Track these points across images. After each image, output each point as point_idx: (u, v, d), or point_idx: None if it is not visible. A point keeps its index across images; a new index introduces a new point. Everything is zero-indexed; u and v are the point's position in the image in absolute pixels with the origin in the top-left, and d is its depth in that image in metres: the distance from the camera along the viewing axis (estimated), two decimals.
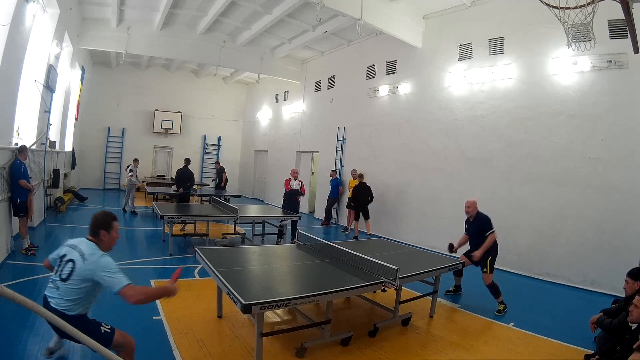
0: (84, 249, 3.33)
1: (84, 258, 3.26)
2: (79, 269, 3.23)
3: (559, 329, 5.93)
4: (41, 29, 9.48)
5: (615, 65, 8.04)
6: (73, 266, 3.25)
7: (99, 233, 3.45)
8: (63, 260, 3.35)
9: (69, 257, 3.33)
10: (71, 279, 3.23)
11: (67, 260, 3.31)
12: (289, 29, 14.77)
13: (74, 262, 3.27)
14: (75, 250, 3.34)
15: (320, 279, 5.02)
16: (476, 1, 10.74)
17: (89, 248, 3.35)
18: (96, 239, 3.45)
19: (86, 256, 3.26)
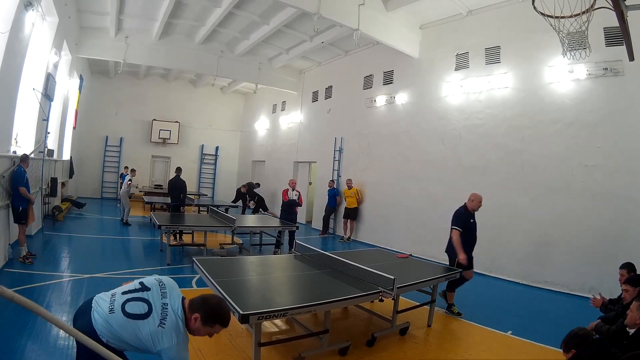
0: (170, 308, 2.57)
1: (163, 322, 2.49)
2: (142, 324, 2.47)
3: (558, 336, 5.85)
4: (40, 37, 9.51)
5: (612, 72, 8.10)
6: (144, 313, 2.50)
7: (194, 313, 2.59)
8: (144, 291, 2.64)
9: (150, 297, 2.60)
10: (130, 320, 2.47)
11: (146, 298, 2.58)
12: (286, 39, 14.86)
13: (150, 308, 2.53)
14: (163, 298, 2.61)
15: (317, 289, 4.99)
16: (472, 11, 10.84)
17: (175, 313, 2.56)
18: (189, 315, 2.60)
19: (167, 324, 2.49)
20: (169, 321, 2.49)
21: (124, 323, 2.46)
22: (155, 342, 2.43)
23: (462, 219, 6.69)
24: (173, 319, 2.51)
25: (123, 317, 2.47)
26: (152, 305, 2.53)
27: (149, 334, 2.44)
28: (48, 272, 7.23)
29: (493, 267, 9.82)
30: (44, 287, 6.46)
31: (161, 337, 2.44)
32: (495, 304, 7.76)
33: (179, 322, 2.53)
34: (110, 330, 2.45)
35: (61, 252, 9.47)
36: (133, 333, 2.45)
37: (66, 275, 7.29)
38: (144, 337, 2.44)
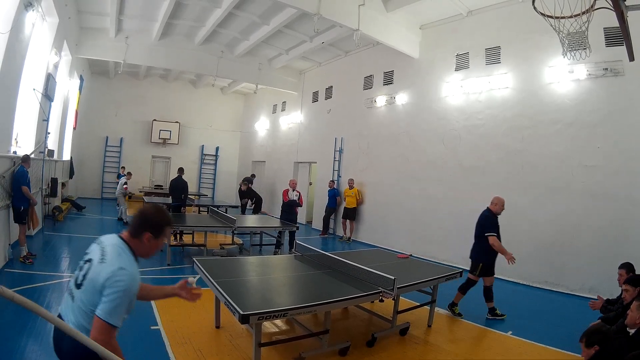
0: (108, 247, 2.42)
1: (103, 258, 2.34)
2: (92, 271, 2.32)
3: (558, 336, 5.91)
4: (40, 37, 9.51)
5: (612, 72, 8.10)
6: (89, 267, 2.36)
7: (143, 235, 2.48)
8: (84, 259, 2.47)
9: (89, 256, 2.44)
10: (84, 285, 2.31)
11: (87, 260, 2.43)
12: (286, 39, 14.86)
13: (91, 262, 2.38)
14: (98, 247, 2.45)
15: (318, 289, 4.99)
16: (472, 11, 10.84)
17: (116, 247, 2.42)
18: (135, 241, 2.49)
19: (107, 257, 2.34)
20: (112, 254, 2.35)
21: (84, 294, 2.28)
22: (103, 281, 2.23)
23: (493, 222, 6.76)
24: (116, 250, 2.39)
25: (80, 291, 2.31)
26: (92, 257, 2.41)
27: (96, 276, 2.26)
28: (48, 273, 7.23)
29: None
30: (44, 288, 6.47)
31: (108, 270, 2.26)
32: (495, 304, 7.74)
33: (125, 250, 2.42)
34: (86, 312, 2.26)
35: (61, 252, 9.48)
36: (91, 295, 2.26)
37: (66, 275, 7.28)
38: (95, 284, 2.25)
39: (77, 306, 2.30)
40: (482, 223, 6.81)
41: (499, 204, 6.84)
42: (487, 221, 6.77)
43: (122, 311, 2.25)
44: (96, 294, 2.23)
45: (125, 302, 2.27)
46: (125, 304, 2.28)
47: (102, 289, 2.22)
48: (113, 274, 2.24)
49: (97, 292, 2.23)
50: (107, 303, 2.20)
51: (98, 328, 2.17)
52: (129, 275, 2.29)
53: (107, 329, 2.18)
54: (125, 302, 2.27)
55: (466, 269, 9.19)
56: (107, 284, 2.21)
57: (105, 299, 2.20)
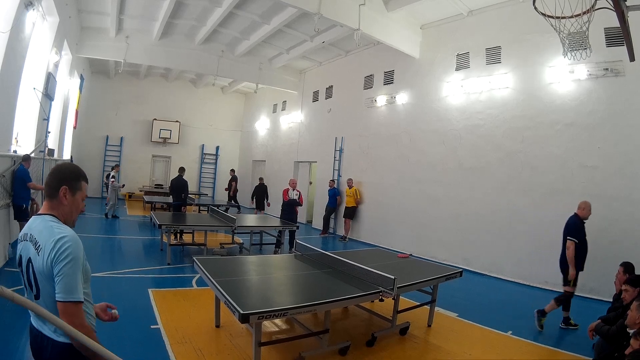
0: (35, 231, 2.11)
1: (37, 246, 2.04)
2: (37, 266, 2.02)
3: (558, 336, 5.92)
4: (41, 36, 9.52)
5: (612, 73, 8.10)
6: (31, 267, 2.06)
7: (58, 193, 2.20)
8: (23, 266, 2.13)
9: (25, 256, 2.11)
10: (40, 288, 2.04)
11: (26, 262, 2.09)
12: (287, 39, 14.86)
13: (31, 261, 2.06)
14: (28, 242, 2.12)
15: (318, 288, 4.99)
16: (473, 11, 10.83)
17: (42, 224, 2.12)
18: (54, 204, 2.22)
19: (39, 240, 2.04)
20: (43, 238, 2.04)
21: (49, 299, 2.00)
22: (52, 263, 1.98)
23: (578, 229, 6.48)
24: (43, 228, 2.09)
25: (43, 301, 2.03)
26: (29, 255, 2.09)
27: (46, 268, 1.99)
28: None
29: (493, 268, 9.83)
30: None
31: (52, 251, 1.98)
32: (495, 304, 7.76)
33: (51, 222, 2.13)
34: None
35: None
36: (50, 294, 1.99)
37: None
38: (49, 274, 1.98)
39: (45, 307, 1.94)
40: (567, 229, 6.55)
41: (586, 208, 6.56)
42: (572, 226, 6.51)
43: (78, 282, 2.00)
44: (49, 275, 1.99)
45: (78, 270, 2.02)
46: (78, 273, 2.01)
47: (51, 266, 1.97)
48: (53, 250, 1.97)
49: (49, 274, 1.98)
50: (61, 280, 1.95)
51: (66, 312, 1.93)
52: (69, 240, 2.03)
53: (74, 309, 1.96)
54: (77, 270, 2.01)
55: (466, 268, 9.28)
56: (53, 263, 1.96)
57: (58, 277, 1.95)
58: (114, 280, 7.30)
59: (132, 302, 6.14)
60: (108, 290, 6.70)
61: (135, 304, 6.01)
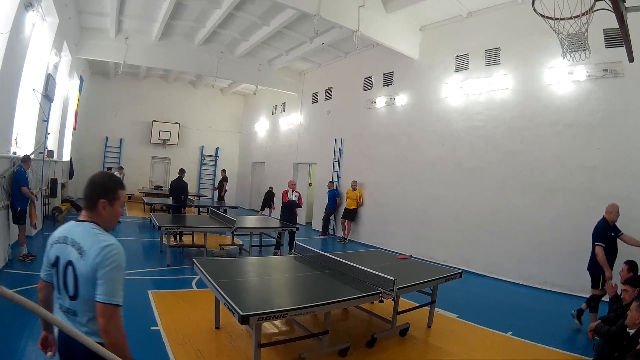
0: (78, 237, 2.20)
1: (80, 251, 2.14)
2: (79, 270, 2.12)
3: (558, 337, 5.92)
4: (40, 38, 9.52)
5: (611, 74, 8.11)
6: (74, 271, 2.14)
7: (97, 204, 2.27)
8: (59, 268, 2.21)
9: (64, 259, 2.19)
10: (79, 289, 2.14)
11: (65, 264, 2.18)
12: (286, 40, 14.87)
13: (72, 264, 2.15)
14: (68, 245, 2.21)
15: (317, 290, 5.00)
16: (472, 12, 10.85)
17: (85, 232, 2.22)
18: (93, 215, 2.29)
19: (84, 247, 2.14)
20: (88, 244, 2.15)
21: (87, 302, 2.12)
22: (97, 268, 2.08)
23: (603, 232, 6.44)
24: (88, 236, 2.19)
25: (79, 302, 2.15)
26: (69, 258, 2.17)
27: (90, 272, 2.09)
28: None
29: (493, 268, 9.83)
30: None
31: (97, 257, 2.09)
32: (495, 305, 7.76)
33: (95, 230, 2.22)
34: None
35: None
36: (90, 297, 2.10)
37: None
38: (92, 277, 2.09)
39: (86, 316, 2.16)
40: (594, 233, 6.52)
41: (613, 211, 6.51)
42: (598, 231, 6.49)
43: (120, 287, 2.12)
44: (91, 278, 2.09)
45: (121, 276, 2.14)
46: (121, 279, 2.14)
47: (95, 272, 2.08)
48: (100, 256, 2.08)
49: (92, 278, 2.09)
50: (104, 284, 2.06)
51: (105, 313, 2.05)
52: (115, 249, 2.14)
53: (114, 311, 2.07)
54: (121, 276, 2.14)
55: (465, 269, 9.27)
56: (98, 267, 2.07)
57: (100, 280, 2.06)
58: None
59: (132, 303, 6.11)
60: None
61: (135, 306, 6.00)
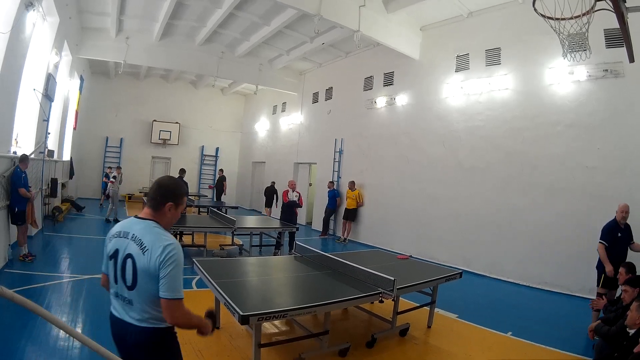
0: (140, 233, 2.39)
1: (142, 246, 2.33)
2: (140, 263, 2.32)
3: (558, 337, 5.91)
4: (41, 37, 9.52)
5: (612, 74, 8.10)
6: (131, 262, 2.35)
7: (164, 206, 2.47)
8: (118, 260, 2.42)
9: (123, 251, 2.40)
10: (138, 280, 2.33)
11: (124, 257, 2.39)
12: (287, 40, 14.87)
13: (132, 257, 2.35)
14: (129, 240, 2.40)
15: (317, 290, 4.99)
16: (473, 12, 10.84)
17: (148, 230, 2.40)
18: (157, 214, 2.48)
19: (145, 242, 2.33)
20: (150, 240, 2.34)
21: (145, 291, 2.34)
22: (159, 265, 2.28)
23: (608, 231, 6.51)
24: (151, 233, 2.38)
25: (137, 292, 2.35)
26: (129, 252, 2.38)
27: (150, 267, 2.29)
28: (48, 273, 7.23)
29: (493, 269, 9.83)
30: (44, 288, 6.46)
31: (159, 254, 2.28)
32: (495, 305, 7.75)
33: (158, 229, 2.42)
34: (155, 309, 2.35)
35: (61, 252, 9.47)
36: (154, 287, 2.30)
37: (66, 276, 7.30)
38: (153, 273, 2.29)
39: (142, 304, 2.35)
40: (601, 231, 6.59)
41: (619, 212, 6.54)
42: (603, 229, 6.57)
43: (181, 282, 2.34)
44: (152, 273, 2.28)
45: (181, 272, 2.34)
46: (181, 274, 2.35)
47: (158, 269, 2.27)
48: (163, 254, 2.28)
49: (153, 273, 2.28)
50: (167, 282, 2.27)
51: (171, 308, 2.28)
52: (175, 248, 2.33)
53: (178, 305, 2.30)
54: (181, 272, 2.34)
55: (466, 269, 9.28)
56: (161, 265, 2.26)
57: (163, 279, 2.27)
58: None
59: None
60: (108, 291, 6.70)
61: None
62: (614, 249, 6.40)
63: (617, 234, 6.48)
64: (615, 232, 6.49)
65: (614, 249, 6.41)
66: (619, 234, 6.48)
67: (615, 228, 6.51)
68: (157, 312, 2.34)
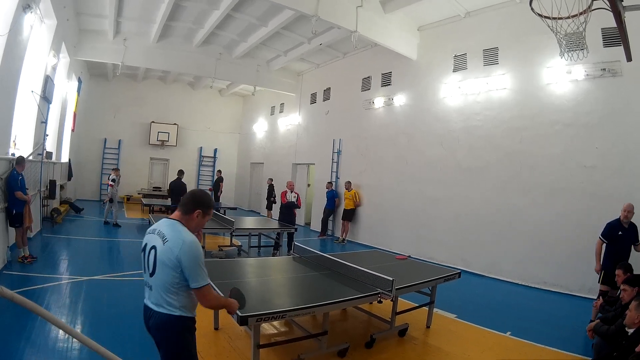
0: (164, 229, 2.82)
1: (163, 239, 2.76)
2: (161, 254, 2.73)
3: (557, 337, 5.91)
4: (38, 39, 9.50)
5: (610, 73, 8.12)
6: (154, 253, 2.78)
7: (193, 212, 2.89)
8: (146, 251, 2.87)
9: (150, 244, 2.85)
10: (157, 268, 2.75)
11: (150, 248, 2.83)
12: (284, 41, 14.86)
13: (155, 248, 2.79)
14: (155, 235, 2.85)
15: (316, 290, 4.99)
16: (470, 12, 10.85)
17: (172, 227, 2.83)
18: (186, 218, 2.90)
19: (167, 236, 2.76)
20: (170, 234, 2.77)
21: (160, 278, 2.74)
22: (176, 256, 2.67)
23: (608, 229, 6.63)
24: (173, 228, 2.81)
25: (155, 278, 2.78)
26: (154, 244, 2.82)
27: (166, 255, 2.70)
28: (47, 275, 7.21)
29: (492, 269, 9.83)
30: (43, 290, 6.45)
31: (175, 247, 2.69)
32: (494, 305, 7.76)
33: (179, 227, 2.82)
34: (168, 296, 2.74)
35: (60, 254, 9.45)
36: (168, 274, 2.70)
37: (65, 277, 7.29)
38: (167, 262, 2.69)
39: (158, 290, 2.76)
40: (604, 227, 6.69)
41: (622, 210, 6.60)
42: (605, 226, 6.69)
43: (203, 272, 2.73)
44: (172, 268, 2.68)
45: (202, 262, 2.74)
46: (203, 264, 2.75)
47: (177, 262, 2.66)
48: (181, 250, 2.67)
49: (173, 267, 2.68)
50: (193, 274, 2.69)
51: (201, 295, 2.77)
52: (193, 243, 2.74)
53: (207, 291, 2.78)
54: (202, 263, 2.74)
55: (464, 269, 9.28)
56: (181, 258, 2.66)
57: (188, 272, 2.68)
58: (114, 283, 7.30)
59: (132, 305, 6.12)
60: (108, 293, 6.71)
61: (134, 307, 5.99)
62: (613, 247, 6.49)
63: (618, 232, 6.54)
64: (616, 230, 6.55)
65: (614, 247, 6.50)
66: (620, 233, 6.53)
67: (617, 227, 6.57)
68: (171, 300, 2.74)
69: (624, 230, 6.55)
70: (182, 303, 2.79)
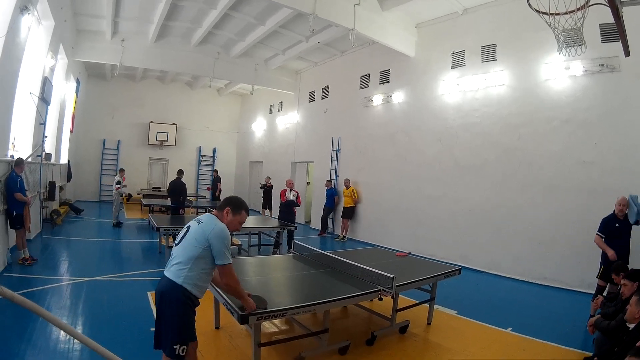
0: (203, 217, 3.50)
1: (199, 222, 3.43)
2: (193, 231, 3.38)
3: (557, 332, 5.92)
4: (36, 41, 9.50)
5: (608, 68, 8.12)
6: (188, 230, 3.43)
7: (223, 209, 3.53)
8: (183, 230, 3.51)
9: (188, 226, 3.49)
10: (185, 239, 3.37)
11: (186, 228, 3.49)
12: (282, 40, 14.85)
13: (189, 227, 3.46)
14: (194, 221, 3.51)
15: (316, 288, 4.99)
16: (468, 9, 10.85)
17: (209, 217, 3.49)
18: (220, 214, 3.52)
19: (203, 220, 3.43)
20: (206, 220, 3.43)
21: (183, 245, 3.34)
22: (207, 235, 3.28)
23: (604, 223, 6.70)
24: (209, 218, 3.46)
25: (179, 247, 3.37)
26: (190, 225, 3.48)
27: (198, 232, 3.33)
28: (47, 276, 7.21)
29: (492, 265, 9.84)
30: (43, 291, 6.45)
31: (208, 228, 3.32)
32: (495, 301, 7.77)
33: (215, 218, 3.44)
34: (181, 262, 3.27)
35: (60, 255, 9.45)
36: (192, 244, 3.29)
37: (65, 278, 7.29)
38: (199, 237, 3.29)
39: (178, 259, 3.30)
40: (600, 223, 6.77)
41: (616, 204, 6.68)
42: (601, 221, 6.77)
43: (227, 253, 3.33)
44: (200, 243, 3.27)
45: (229, 245, 3.37)
46: (229, 246, 3.36)
47: (206, 241, 3.26)
48: (212, 231, 3.29)
49: (200, 239, 3.28)
50: (219, 253, 3.28)
51: (225, 273, 3.37)
52: (223, 229, 3.36)
53: (229, 268, 3.36)
54: (228, 245, 3.35)
55: (464, 265, 9.27)
56: (210, 237, 3.27)
57: (215, 251, 3.27)
58: (114, 283, 7.30)
59: (132, 305, 6.15)
60: (107, 293, 6.72)
61: (134, 307, 6.02)
62: (612, 240, 6.53)
63: (615, 225, 6.60)
64: (612, 223, 6.62)
65: (613, 240, 6.53)
66: (617, 225, 6.59)
67: (613, 220, 6.63)
68: (185, 272, 3.23)
69: (619, 222, 6.61)
70: (193, 281, 3.26)
